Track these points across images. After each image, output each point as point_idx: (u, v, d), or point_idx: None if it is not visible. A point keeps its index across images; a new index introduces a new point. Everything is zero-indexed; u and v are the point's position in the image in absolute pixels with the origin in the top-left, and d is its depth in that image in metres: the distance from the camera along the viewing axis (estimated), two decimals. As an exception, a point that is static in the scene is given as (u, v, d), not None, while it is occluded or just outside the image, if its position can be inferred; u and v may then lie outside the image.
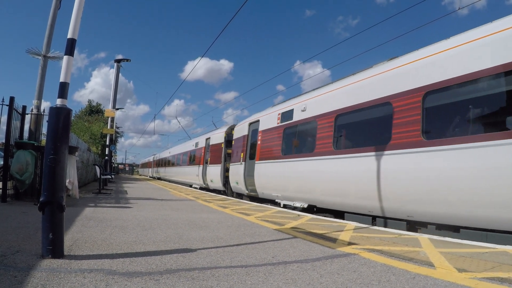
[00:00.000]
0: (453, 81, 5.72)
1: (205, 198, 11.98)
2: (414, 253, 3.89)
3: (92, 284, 2.43)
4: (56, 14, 9.60)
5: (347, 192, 7.79)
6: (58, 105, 3.31)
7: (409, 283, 2.74)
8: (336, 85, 9.00)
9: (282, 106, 11.60)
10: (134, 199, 10.09)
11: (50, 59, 9.53)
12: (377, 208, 6.92)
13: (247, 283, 2.62)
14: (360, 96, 7.74)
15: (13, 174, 7.32)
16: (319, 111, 9.18)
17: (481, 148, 5.13)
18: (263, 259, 3.45)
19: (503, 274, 3.00)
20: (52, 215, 3.11)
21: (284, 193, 10.49)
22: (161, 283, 2.54)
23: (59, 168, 3.20)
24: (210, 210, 7.97)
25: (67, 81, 3.39)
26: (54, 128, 3.24)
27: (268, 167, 11.44)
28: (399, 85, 6.78)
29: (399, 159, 6.46)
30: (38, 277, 2.52)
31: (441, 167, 5.70)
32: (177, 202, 9.79)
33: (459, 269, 3.17)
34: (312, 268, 3.13)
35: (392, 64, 7.33)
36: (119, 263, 3.03)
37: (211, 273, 2.86)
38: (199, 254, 3.54)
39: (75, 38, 3.48)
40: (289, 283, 2.67)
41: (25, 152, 7.42)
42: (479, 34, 5.57)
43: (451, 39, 6.17)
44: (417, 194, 6.05)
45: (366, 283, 2.72)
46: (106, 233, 4.45)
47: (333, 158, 8.26)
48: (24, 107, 8.52)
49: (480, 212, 5.13)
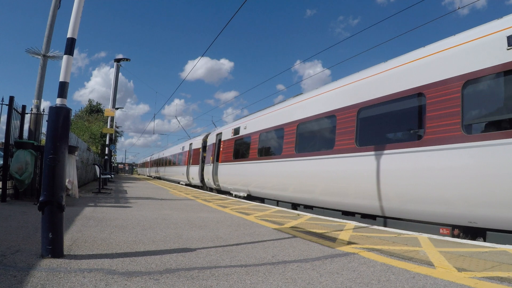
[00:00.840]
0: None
1: (204, 197, 11.98)
2: (414, 252, 3.89)
3: (91, 283, 2.43)
4: (56, 13, 9.59)
5: (267, 185, 11.71)
6: (57, 104, 3.31)
7: (409, 282, 2.75)
8: (262, 112, 13.31)
9: (235, 123, 16.04)
10: (134, 199, 10.09)
11: (50, 59, 9.52)
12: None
13: (246, 283, 2.62)
14: (270, 121, 12.06)
15: (12, 174, 7.32)
16: (252, 129, 13.47)
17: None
18: (262, 258, 3.45)
19: (503, 273, 3.01)
20: (52, 215, 3.11)
21: (234, 186, 14.58)
22: (160, 282, 2.54)
23: (59, 168, 3.20)
24: (209, 210, 7.97)
25: (67, 81, 3.39)
26: (54, 127, 3.24)
27: (226, 167, 15.66)
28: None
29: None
30: (38, 276, 2.52)
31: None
32: (177, 202, 9.79)
33: (459, 268, 3.18)
34: (311, 268, 3.13)
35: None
36: (119, 262, 3.03)
37: (211, 272, 2.86)
38: (198, 254, 3.54)
39: (74, 37, 3.48)
40: (288, 282, 2.67)
41: (25, 152, 7.42)
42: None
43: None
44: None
45: (365, 283, 2.72)
46: (106, 233, 4.45)
47: (257, 162, 12.36)
48: (23, 106, 8.52)
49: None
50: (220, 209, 8.23)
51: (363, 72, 8.08)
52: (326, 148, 8.65)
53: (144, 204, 8.71)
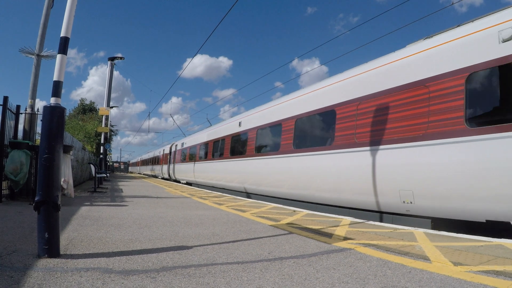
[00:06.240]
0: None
1: (200, 195, 11.97)
2: (410, 247, 3.91)
3: (88, 282, 2.43)
4: (49, 12, 9.52)
5: (197, 176, 19.52)
6: (52, 104, 3.29)
7: (405, 277, 2.77)
8: (195, 134, 23.07)
9: (184, 139, 25.40)
10: (130, 197, 10.07)
11: (44, 58, 9.47)
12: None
13: (243, 279, 2.63)
14: (195, 139, 21.20)
15: (7, 174, 7.28)
16: (188, 144, 22.85)
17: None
18: (259, 255, 3.46)
19: (499, 267, 3.04)
20: (48, 215, 3.10)
21: (181, 177, 24.11)
22: (157, 280, 2.54)
23: (54, 167, 3.18)
24: (205, 207, 7.98)
25: (61, 80, 3.37)
26: (48, 127, 3.22)
27: (177, 166, 25.51)
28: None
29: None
30: (34, 276, 2.51)
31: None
32: (173, 200, 9.78)
33: (455, 262, 3.20)
34: (308, 264, 3.15)
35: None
36: (116, 261, 3.03)
37: (208, 270, 2.86)
38: (195, 251, 3.55)
39: (68, 36, 3.45)
40: (285, 278, 2.68)
41: (19, 152, 7.37)
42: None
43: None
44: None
45: (362, 278, 2.73)
46: (102, 232, 4.44)
47: (190, 163, 21.12)
48: (18, 106, 8.46)
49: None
50: (216, 206, 8.23)
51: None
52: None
53: (140, 202, 8.70)
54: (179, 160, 24.59)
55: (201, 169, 18.79)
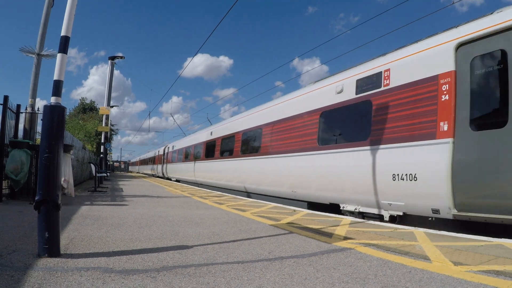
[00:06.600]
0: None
1: (200, 194, 11.97)
2: (410, 247, 3.91)
3: (89, 282, 2.43)
4: (50, 11, 9.53)
5: (182, 174, 24.06)
6: (52, 103, 3.29)
7: (405, 276, 2.77)
8: (183, 138, 27.55)
9: (174, 143, 29.21)
10: (130, 197, 10.07)
11: (44, 57, 9.47)
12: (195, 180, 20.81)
13: (243, 279, 2.63)
14: (181, 144, 26.20)
15: (8, 174, 7.28)
16: (176, 147, 26.88)
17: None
18: (259, 254, 3.46)
19: (499, 267, 3.04)
20: (48, 214, 3.10)
21: (172, 175, 27.73)
22: (158, 280, 2.54)
23: (54, 167, 3.18)
24: (205, 207, 7.98)
25: (61, 79, 3.36)
26: (49, 126, 3.22)
27: (170, 165, 29.01)
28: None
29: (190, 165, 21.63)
30: (35, 276, 2.51)
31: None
32: (173, 199, 9.79)
33: (455, 262, 3.20)
34: (308, 263, 3.15)
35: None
36: (116, 261, 3.03)
37: (208, 269, 2.87)
38: (195, 251, 3.55)
39: (68, 35, 3.45)
40: (285, 278, 2.68)
41: (20, 152, 7.38)
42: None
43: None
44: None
45: (362, 278, 2.73)
46: (102, 231, 4.44)
47: (178, 163, 25.50)
48: (18, 105, 8.46)
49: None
50: (216, 206, 8.23)
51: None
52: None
53: (140, 202, 8.70)
54: (170, 161, 29.18)
55: (185, 168, 23.24)
